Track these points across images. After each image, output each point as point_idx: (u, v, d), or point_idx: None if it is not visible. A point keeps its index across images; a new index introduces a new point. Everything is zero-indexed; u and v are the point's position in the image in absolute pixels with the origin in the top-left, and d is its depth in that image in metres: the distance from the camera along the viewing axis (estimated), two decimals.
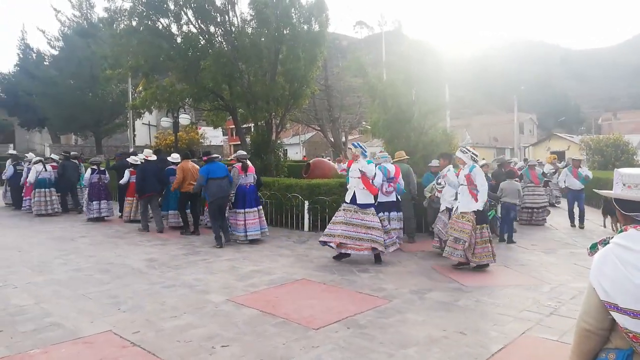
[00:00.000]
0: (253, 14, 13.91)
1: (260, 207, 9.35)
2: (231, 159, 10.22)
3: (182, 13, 13.97)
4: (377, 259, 7.30)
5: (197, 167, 9.76)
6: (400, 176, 8.36)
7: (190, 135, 28.91)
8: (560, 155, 36.99)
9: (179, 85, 14.58)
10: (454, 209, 7.13)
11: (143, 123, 34.18)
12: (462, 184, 6.95)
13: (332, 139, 33.54)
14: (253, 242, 8.97)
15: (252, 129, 16.12)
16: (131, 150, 19.93)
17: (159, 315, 4.88)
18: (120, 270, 6.84)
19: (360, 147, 7.34)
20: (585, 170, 11.32)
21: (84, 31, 28.67)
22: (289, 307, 5.16)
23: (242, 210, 8.95)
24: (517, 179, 10.02)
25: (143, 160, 10.82)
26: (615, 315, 1.75)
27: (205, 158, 9.16)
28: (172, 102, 14.80)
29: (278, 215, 10.85)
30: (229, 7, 14.28)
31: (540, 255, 8.25)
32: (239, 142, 18.11)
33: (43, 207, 12.84)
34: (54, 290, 5.76)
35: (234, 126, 20.72)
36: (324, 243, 7.33)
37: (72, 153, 14.82)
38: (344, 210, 7.24)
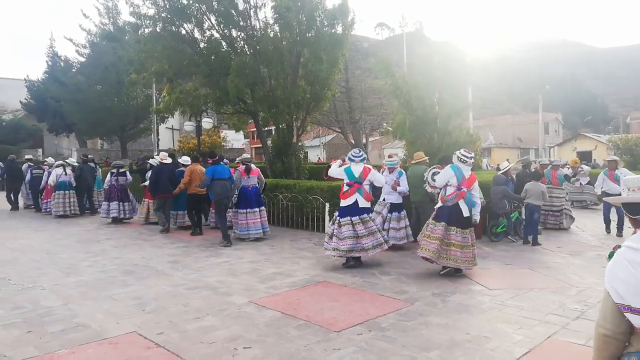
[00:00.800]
0: (276, 17, 14.02)
1: (263, 207, 9.77)
2: (237, 162, 10.61)
3: (205, 18, 14.17)
4: (357, 260, 7.23)
5: (204, 169, 9.97)
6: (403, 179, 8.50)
7: (212, 138, 29.26)
8: (587, 156, 36.15)
9: (202, 89, 14.81)
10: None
11: (167, 127, 34.78)
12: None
13: (352, 141, 33.48)
14: (258, 240, 9.47)
15: (274, 132, 16.24)
16: (155, 153, 20.28)
17: (182, 316, 4.95)
18: (144, 271, 6.96)
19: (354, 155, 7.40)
20: (624, 172, 10.14)
21: (111, 36, 29.34)
22: (311, 309, 5.17)
23: (244, 211, 9.45)
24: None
25: (158, 163, 11.17)
26: (630, 316, 1.76)
27: (210, 160, 9.67)
28: (195, 107, 15.03)
29: (299, 218, 10.88)
30: (252, 12, 14.44)
31: (567, 257, 8.06)
32: (261, 145, 18.26)
33: (62, 208, 13.37)
34: (81, 292, 5.90)
35: (255, 129, 20.89)
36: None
37: (89, 156, 15.54)
38: (345, 224, 7.07)
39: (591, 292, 5.83)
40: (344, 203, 7.19)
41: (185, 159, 11.35)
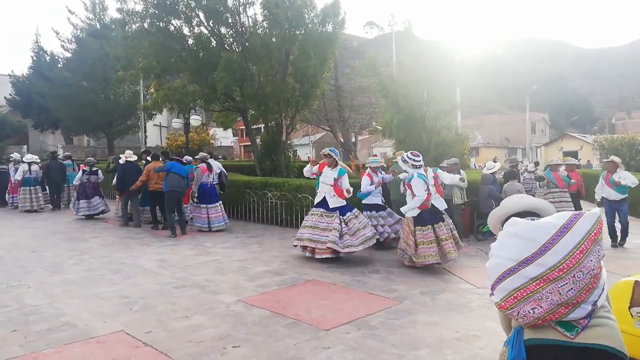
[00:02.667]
0: (265, 14, 13.95)
1: (220, 202, 10.65)
2: (196, 158, 11.24)
3: (194, 14, 14.05)
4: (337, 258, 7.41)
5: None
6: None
7: (201, 136, 29.07)
8: (573, 156, 36.58)
9: (190, 86, 14.68)
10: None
11: (154, 124, 34.49)
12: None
13: (342, 140, 33.50)
14: (218, 232, 10.22)
15: (263, 130, 16.17)
16: (142, 150, 20.11)
17: (170, 315, 4.90)
18: (131, 270, 6.89)
19: (337, 154, 7.63)
20: (624, 176, 8.51)
21: (97, 33, 28.95)
22: (300, 307, 5.16)
23: (205, 206, 10.31)
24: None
25: (124, 161, 11.57)
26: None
27: (162, 158, 10.47)
28: (183, 104, 14.89)
29: (288, 216, 10.85)
30: (241, 9, 14.34)
31: None
32: (250, 143, 18.18)
33: (28, 203, 13.96)
34: (67, 290, 5.82)
35: (244, 127, 20.80)
36: (298, 247, 7.61)
37: (59, 154, 16.14)
38: (311, 214, 7.57)
39: None
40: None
41: (188, 159, 11.77)
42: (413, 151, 7.24)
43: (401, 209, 7.22)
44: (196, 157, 11.53)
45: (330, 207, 7.37)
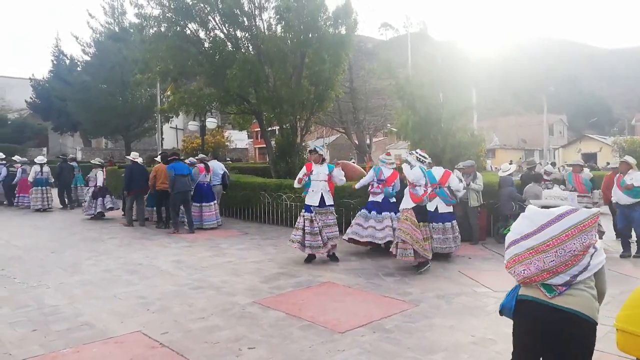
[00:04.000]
0: (277, 18, 14.03)
1: (216, 201, 11.25)
2: (196, 160, 11.62)
3: (210, 18, 14.19)
4: (333, 257, 7.55)
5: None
6: (396, 181, 8.24)
7: (216, 138, 29.30)
8: (592, 158, 35.99)
9: (206, 89, 14.83)
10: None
11: (171, 127, 34.82)
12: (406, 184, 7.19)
13: (356, 142, 33.47)
14: (213, 229, 10.83)
15: (277, 132, 16.24)
16: (159, 152, 20.38)
17: (186, 316, 4.95)
18: (148, 271, 6.97)
19: (322, 149, 7.65)
20: (636, 177, 7.77)
21: (116, 36, 29.36)
22: (315, 310, 5.16)
23: (199, 204, 10.88)
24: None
25: (130, 162, 12.05)
26: None
27: (169, 159, 10.89)
28: (200, 106, 15.06)
29: None
30: (256, 12, 14.44)
31: None
32: (264, 145, 18.26)
33: (40, 202, 14.66)
34: (85, 291, 5.91)
35: (259, 129, 20.91)
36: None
37: (69, 156, 17.24)
38: (309, 220, 7.37)
39: None
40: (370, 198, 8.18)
41: (191, 160, 11.94)
42: (423, 149, 7.45)
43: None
44: (196, 157, 12.03)
45: (327, 204, 7.48)
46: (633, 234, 8.15)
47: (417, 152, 7.30)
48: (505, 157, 40.04)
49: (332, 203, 7.63)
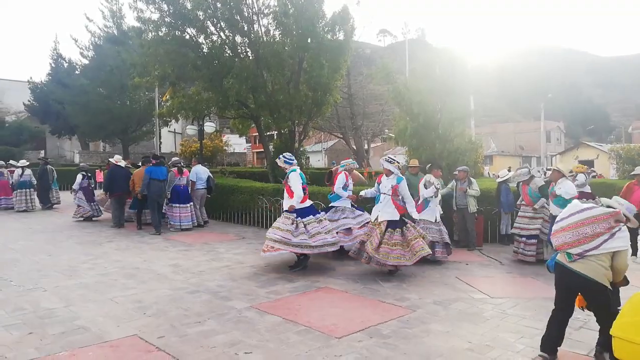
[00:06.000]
0: (275, 24, 14.09)
1: (192, 203, 11.68)
2: (169, 164, 12.16)
3: (209, 23, 14.23)
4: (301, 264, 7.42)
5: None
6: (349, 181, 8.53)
7: (214, 142, 29.31)
8: (590, 165, 36.10)
9: (204, 94, 14.85)
10: (374, 218, 7.19)
11: (169, 131, 34.87)
12: (385, 193, 7.07)
13: (354, 147, 33.52)
14: (188, 230, 11.34)
15: (276, 137, 16.26)
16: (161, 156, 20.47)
17: (183, 320, 4.93)
18: (145, 275, 6.95)
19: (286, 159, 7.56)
20: (564, 186, 7.33)
21: (114, 40, 29.37)
22: (312, 315, 5.15)
23: (177, 205, 11.39)
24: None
25: (113, 165, 12.23)
26: None
27: (154, 161, 11.26)
28: (198, 111, 15.06)
29: None
30: (255, 17, 14.50)
31: None
32: (262, 150, 18.27)
33: (24, 204, 15.36)
34: (81, 294, 5.89)
35: (257, 134, 20.94)
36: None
37: (48, 159, 17.71)
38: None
39: None
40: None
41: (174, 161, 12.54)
42: (395, 155, 7.54)
43: (414, 216, 7.30)
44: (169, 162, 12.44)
45: (284, 208, 7.46)
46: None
47: (396, 160, 7.29)
48: (502, 163, 40.14)
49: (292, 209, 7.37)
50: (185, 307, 5.41)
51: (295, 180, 7.22)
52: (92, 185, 13.55)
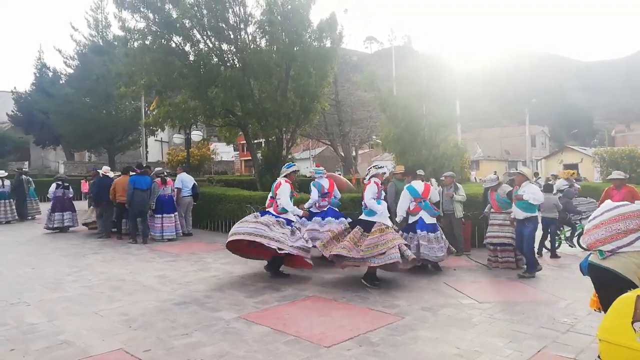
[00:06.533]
0: (261, 32, 14.11)
1: (176, 213, 11.57)
2: (152, 174, 11.95)
3: (195, 32, 14.19)
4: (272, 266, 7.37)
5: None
6: (335, 189, 8.72)
7: (202, 151, 29.15)
8: (574, 168, 36.60)
9: (191, 102, 14.78)
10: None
11: (156, 140, 34.61)
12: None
13: (342, 154, 33.58)
14: (171, 240, 11.16)
15: (263, 145, 16.23)
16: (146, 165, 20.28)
17: (169, 332, 4.87)
18: (131, 287, 6.85)
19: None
20: (528, 190, 7.35)
21: (100, 49, 29.19)
22: (300, 324, 5.12)
23: (160, 216, 11.26)
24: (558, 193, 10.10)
25: (102, 176, 12.40)
26: None
27: (139, 171, 11.40)
28: (185, 119, 14.98)
29: None
30: (242, 25, 14.50)
31: (556, 270, 8.11)
32: (250, 158, 18.22)
33: (2, 215, 15.07)
34: (66, 308, 5.79)
35: (245, 142, 20.88)
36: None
37: (24, 170, 17.67)
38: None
39: (580, 305, 5.85)
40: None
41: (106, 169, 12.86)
42: (380, 162, 7.61)
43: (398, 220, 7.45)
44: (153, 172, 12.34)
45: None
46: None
47: (374, 166, 7.36)
48: (489, 168, 40.53)
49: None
50: (172, 318, 5.34)
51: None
52: (70, 196, 13.37)
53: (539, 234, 9.62)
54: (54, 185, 13.30)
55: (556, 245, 9.46)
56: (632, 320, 3.19)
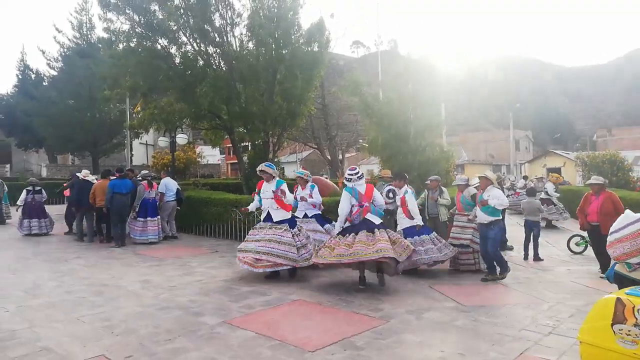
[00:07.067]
0: (249, 35, 14.08)
1: (159, 217, 11.53)
2: (139, 177, 12.05)
3: (181, 34, 14.11)
4: (292, 273, 7.54)
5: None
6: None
7: (187, 154, 28.91)
8: (557, 172, 37.18)
9: (177, 105, 14.67)
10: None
11: (140, 143, 34.25)
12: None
13: (329, 157, 33.63)
14: (153, 243, 11.15)
15: (250, 148, 16.18)
16: (127, 168, 20.02)
17: (152, 338, 4.80)
18: (114, 292, 6.76)
19: (273, 168, 7.60)
20: (493, 194, 7.38)
21: (84, 51, 28.84)
22: (285, 328, 5.10)
23: (144, 219, 11.22)
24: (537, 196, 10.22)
25: (81, 179, 12.12)
26: None
27: (117, 175, 11.32)
28: (170, 122, 14.87)
29: None
30: (228, 28, 14.46)
31: (538, 272, 8.21)
32: (237, 161, 18.15)
33: None
34: (46, 314, 5.68)
35: (231, 145, 20.79)
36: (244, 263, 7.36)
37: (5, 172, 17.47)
38: (259, 228, 7.56)
39: (562, 307, 5.93)
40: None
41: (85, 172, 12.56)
42: (352, 166, 7.50)
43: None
44: (139, 175, 12.37)
45: (275, 220, 7.42)
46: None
47: (347, 171, 7.36)
48: (474, 172, 40.88)
49: (283, 219, 7.42)
50: (155, 324, 5.27)
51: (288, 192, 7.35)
52: (41, 201, 13.16)
53: (520, 237, 9.77)
54: (24, 192, 13.14)
55: (582, 250, 9.69)
56: (612, 323, 3.25)
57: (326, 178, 20.08)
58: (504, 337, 4.83)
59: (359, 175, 7.09)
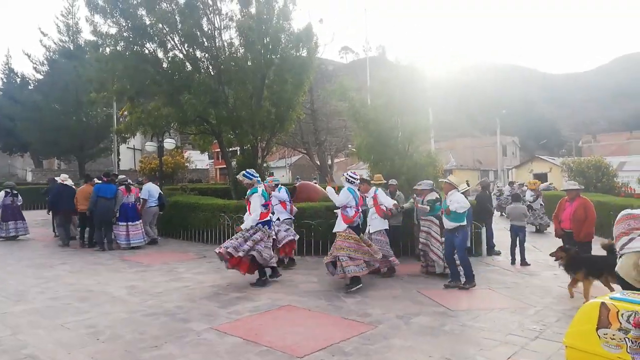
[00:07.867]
0: (239, 39, 14.07)
1: (140, 221, 11.54)
2: (117, 182, 11.95)
3: (169, 38, 14.06)
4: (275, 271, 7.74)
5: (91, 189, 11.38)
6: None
7: (175, 159, 28.73)
8: (543, 177, 37.60)
9: (164, 109, 14.58)
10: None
11: (128, 147, 33.96)
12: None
13: (318, 162, 33.67)
14: (138, 248, 11.19)
15: (238, 153, 16.13)
16: (112, 172, 19.83)
17: (138, 345, 4.75)
18: (100, 298, 6.67)
19: (249, 176, 7.53)
20: (454, 199, 7.23)
21: (70, 55, 28.53)
22: (273, 334, 5.07)
23: (125, 224, 11.24)
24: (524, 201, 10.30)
25: (60, 184, 12.20)
26: None
27: (105, 179, 11.44)
28: (158, 127, 14.77)
29: None
30: (216, 33, 14.44)
31: (525, 277, 8.27)
32: (225, 166, 18.07)
33: None
34: (31, 320, 5.59)
35: (220, 150, 20.71)
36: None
37: None
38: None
39: (548, 312, 5.98)
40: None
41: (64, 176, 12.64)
42: (354, 171, 7.90)
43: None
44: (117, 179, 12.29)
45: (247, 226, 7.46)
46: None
47: (346, 174, 7.61)
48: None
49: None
50: (142, 330, 5.21)
51: (255, 200, 7.19)
52: (18, 204, 13.14)
53: (506, 241, 9.85)
54: (2, 193, 13.06)
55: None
56: (597, 327, 3.28)
57: (315, 183, 20.10)
58: (491, 341, 4.85)
59: (359, 181, 7.64)
